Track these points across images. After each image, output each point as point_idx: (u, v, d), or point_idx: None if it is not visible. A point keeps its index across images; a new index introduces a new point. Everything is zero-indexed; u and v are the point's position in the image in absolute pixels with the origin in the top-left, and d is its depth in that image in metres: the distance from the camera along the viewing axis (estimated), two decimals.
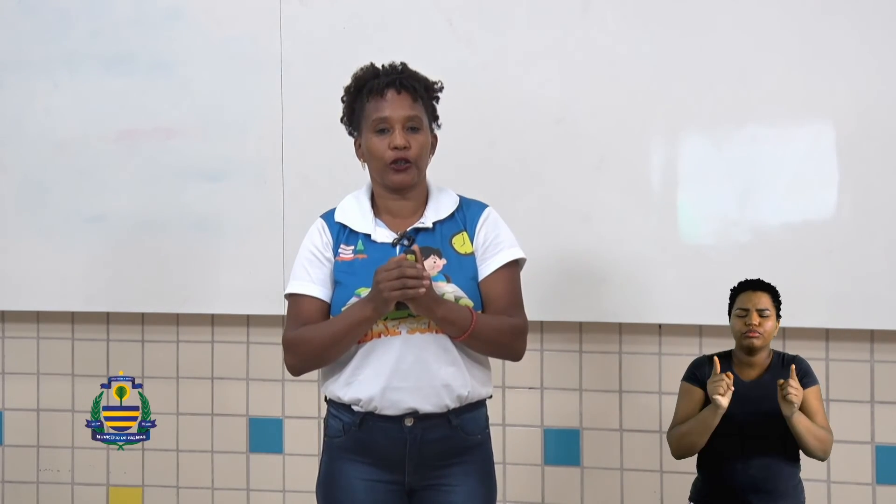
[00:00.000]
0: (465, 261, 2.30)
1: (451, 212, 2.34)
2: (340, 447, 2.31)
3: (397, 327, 2.24)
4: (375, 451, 2.28)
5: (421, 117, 2.29)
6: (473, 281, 2.30)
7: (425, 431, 2.26)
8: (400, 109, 2.27)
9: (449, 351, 2.26)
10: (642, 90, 3.11)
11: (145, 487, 3.56)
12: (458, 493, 2.29)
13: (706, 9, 3.09)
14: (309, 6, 3.30)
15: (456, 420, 2.29)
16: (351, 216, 2.34)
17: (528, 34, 3.18)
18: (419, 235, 2.30)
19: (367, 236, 2.31)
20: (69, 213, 3.43)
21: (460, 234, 2.33)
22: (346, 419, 2.29)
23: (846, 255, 3.02)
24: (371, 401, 2.25)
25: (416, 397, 2.24)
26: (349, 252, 2.30)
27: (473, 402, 2.33)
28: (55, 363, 3.58)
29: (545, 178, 3.17)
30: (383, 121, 2.27)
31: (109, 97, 3.40)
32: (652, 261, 3.12)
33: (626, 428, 3.28)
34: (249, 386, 3.49)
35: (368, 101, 2.30)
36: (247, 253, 3.33)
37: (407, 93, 2.28)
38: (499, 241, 2.33)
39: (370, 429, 2.27)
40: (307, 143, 3.28)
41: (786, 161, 3.06)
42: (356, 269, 2.27)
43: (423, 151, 2.29)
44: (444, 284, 2.25)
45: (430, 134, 2.35)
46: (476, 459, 2.34)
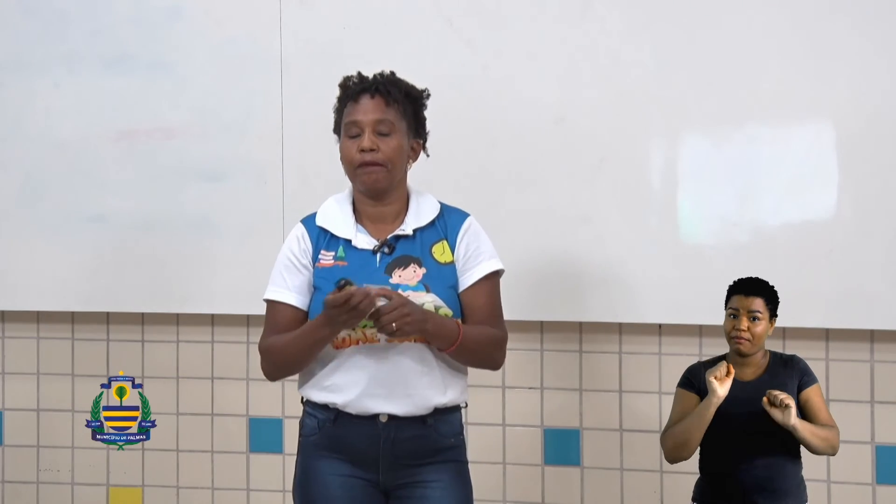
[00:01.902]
0: (444, 270, 2.30)
1: (432, 219, 2.34)
2: (316, 445, 2.33)
3: (376, 335, 2.24)
4: (350, 447, 2.29)
5: (393, 122, 2.28)
6: (452, 290, 2.30)
7: (399, 430, 2.27)
8: (370, 113, 2.27)
9: (427, 361, 2.27)
10: (642, 90, 3.11)
11: (145, 487, 3.56)
12: (434, 487, 2.30)
13: (706, 9, 3.09)
14: (309, 6, 3.30)
15: (431, 420, 2.30)
16: (332, 221, 2.34)
17: (528, 34, 3.18)
18: (399, 242, 2.30)
19: (347, 242, 2.31)
20: (69, 213, 3.43)
21: (440, 243, 2.33)
22: (321, 416, 2.31)
23: (846, 255, 3.02)
24: (346, 406, 2.27)
25: (391, 404, 2.26)
26: (329, 258, 2.31)
27: (449, 407, 2.33)
28: (55, 363, 3.58)
29: (545, 178, 3.17)
30: (354, 124, 2.29)
31: (109, 97, 3.40)
32: (652, 261, 3.12)
33: (626, 428, 3.28)
34: (249, 386, 3.48)
35: (346, 106, 2.33)
36: (246, 253, 3.33)
37: (381, 97, 2.29)
38: (479, 252, 2.33)
39: (344, 425, 2.28)
40: (307, 143, 3.28)
41: (786, 161, 3.06)
42: (336, 275, 2.24)
43: (394, 155, 2.28)
44: (423, 294, 2.25)
45: (410, 139, 2.33)
46: (450, 459, 2.33)
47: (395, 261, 2.28)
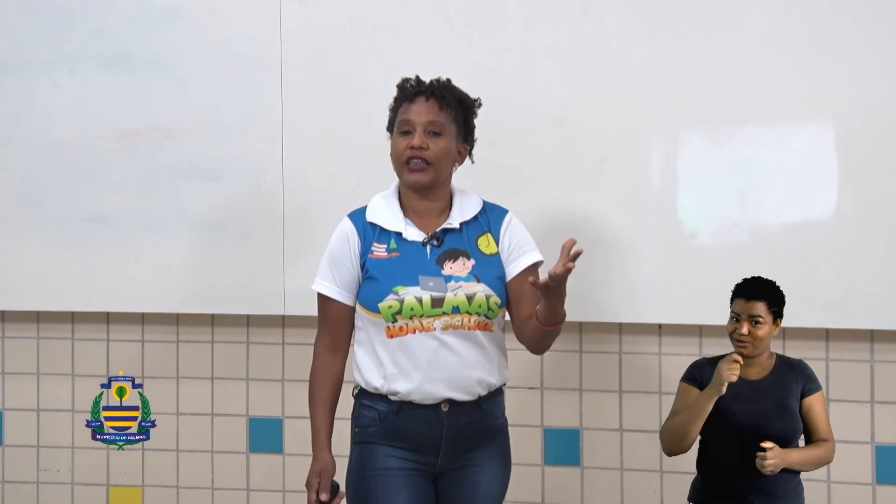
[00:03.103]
0: (491, 261, 2.45)
1: (475, 214, 2.48)
2: (375, 435, 2.43)
3: (432, 323, 2.36)
4: (412, 436, 2.40)
5: (444, 124, 2.41)
6: (499, 280, 2.44)
7: (460, 416, 2.40)
8: (424, 114, 2.40)
9: (480, 345, 2.41)
10: (642, 90, 3.11)
11: (145, 487, 3.56)
12: (483, 472, 2.45)
13: (706, 8, 3.09)
14: (309, 6, 3.30)
15: (486, 404, 2.44)
16: (381, 215, 2.45)
17: (528, 34, 3.18)
18: (447, 236, 2.44)
19: (398, 234, 2.42)
20: (69, 213, 3.43)
21: (485, 236, 2.47)
22: (383, 408, 2.42)
23: (846, 255, 3.02)
24: (409, 394, 2.39)
25: (451, 388, 2.39)
26: (383, 250, 2.42)
27: (499, 387, 2.49)
28: (55, 363, 3.58)
29: (545, 177, 3.17)
30: (407, 123, 2.41)
31: (109, 97, 3.40)
32: (652, 261, 3.12)
33: (626, 428, 3.28)
34: (249, 386, 3.48)
35: (401, 106, 2.45)
36: (247, 253, 3.33)
37: (435, 100, 2.41)
38: (523, 244, 2.49)
39: (407, 416, 2.40)
40: (307, 143, 3.28)
41: (786, 161, 3.06)
42: (393, 266, 2.39)
43: (442, 155, 2.41)
44: (475, 284, 2.39)
45: (458, 143, 2.45)
46: (499, 442, 2.50)
47: (445, 253, 2.42)
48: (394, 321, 2.37)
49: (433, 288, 2.36)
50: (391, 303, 2.36)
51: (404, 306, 2.36)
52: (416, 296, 2.36)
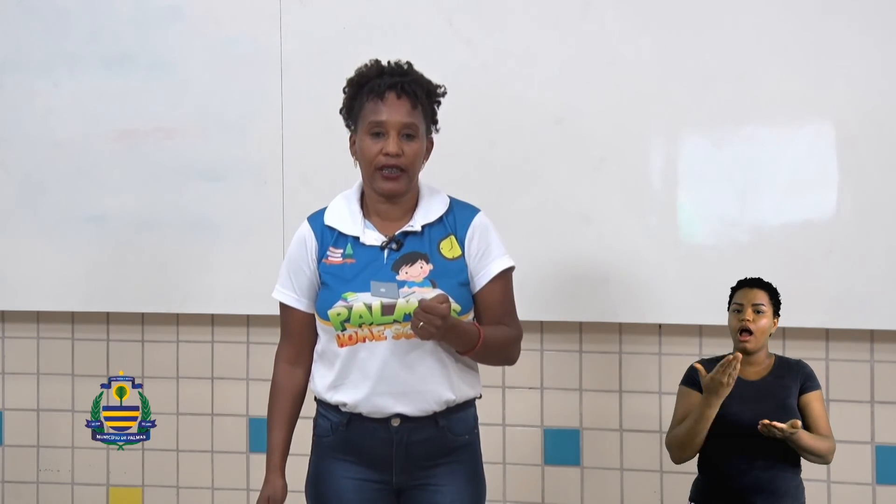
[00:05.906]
0: (451, 265, 2.29)
1: (440, 215, 2.32)
2: (329, 446, 2.33)
3: (383, 332, 2.23)
4: (363, 451, 2.29)
5: (418, 125, 2.26)
6: (461, 286, 2.28)
7: (412, 432, 2.26)
8: (397, 115, 2.24)
9: (435, 355, 2.26)
10: (642, 90, 3.11)
11: (145, 487, 3.56)
12: (444, 493, 2.29)
13: (706, 8, 3.09)
14: (309, 6, 3.30)
15: (443, 421, 2.28)
16: (340, 219, 2.32)
17: (528, 34, 3.18)
18: (407, 239, 2.29)
19: (355, 239, 2.30)
20: (69, 213, 3.43)
21: (448, 239, 2.31)
22: (334, 419, 2.31)
23: (846, 255, 3.02)
24: (356, 406, 2.26)
25: (402, 402, 2.25)
26: (338, 255, 2.30)
27: (461, 403, 2.32)
28: (55, 363, 3.58)
29: (545, 178, 3.17)
30: (379, 125, 2.24)
31: (109, 97, 3.40)
32: (652, 261, 3.12)
33: (626, 428, 3.28)
34: (249, 386, 3.48)
35: (368, 100, 2.27)
36: (247, 253, 3.33)
37: (407, 98, 2.25)
38: (490, 250, 2.31)
39: (357, 429, 2.28)
40: (307, 143, 3.28)
41: (786, 161, 3.06)
42: (345, 272, 2.27)
43: (416, 158, 2.27)
44: (429, 290, 2.23)
45: (427, 139, 2.32)
46: (463, 459, 2.33)
47: (403, 257, 2.27)
48: (343, 329, 2.24)
49: (384, 294, 2.20)
50: (339, 310, 2.23)
51: (353, 313, 2.22)
52: (365, 302, 2.22)
